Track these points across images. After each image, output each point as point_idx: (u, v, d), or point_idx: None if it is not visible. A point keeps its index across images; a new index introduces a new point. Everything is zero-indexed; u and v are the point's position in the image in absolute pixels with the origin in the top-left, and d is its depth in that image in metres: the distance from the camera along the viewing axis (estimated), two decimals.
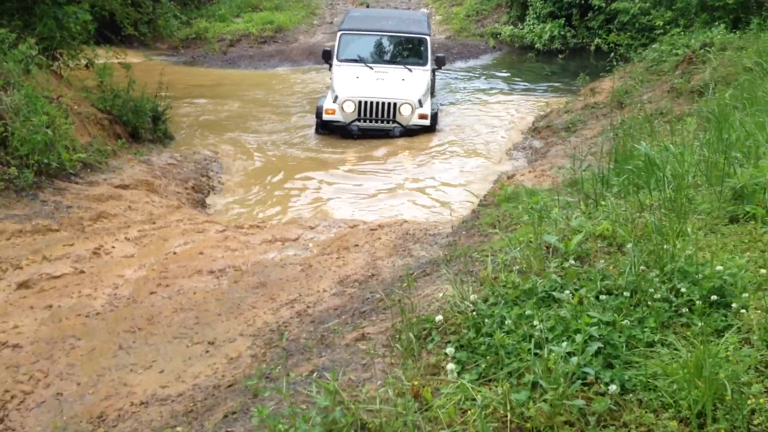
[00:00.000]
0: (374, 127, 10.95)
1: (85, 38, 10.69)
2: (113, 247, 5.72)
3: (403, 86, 11.29)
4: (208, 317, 4.33)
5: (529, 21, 18.07)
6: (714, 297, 2.99)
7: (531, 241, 3.71)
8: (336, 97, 11.05)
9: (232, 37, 18.34)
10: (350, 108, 10.88)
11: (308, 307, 4.29)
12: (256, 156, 10.27)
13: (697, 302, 2.94)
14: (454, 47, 17.93)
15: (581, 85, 12.09)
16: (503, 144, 10.85)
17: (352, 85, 11.23)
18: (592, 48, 16.53)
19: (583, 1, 16.46)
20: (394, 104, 10.91)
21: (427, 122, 11.03)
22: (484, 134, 11.43)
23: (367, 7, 18.49)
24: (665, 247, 3.35)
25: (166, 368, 3.79)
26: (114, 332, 4.18)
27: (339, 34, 12.28)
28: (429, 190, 8.96)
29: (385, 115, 10.93)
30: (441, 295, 3.43)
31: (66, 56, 10.15)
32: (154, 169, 8.98)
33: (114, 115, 9.65)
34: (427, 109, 11.13)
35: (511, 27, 18.33)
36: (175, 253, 5.65)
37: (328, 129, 11.07)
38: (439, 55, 12.36)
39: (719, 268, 3.09)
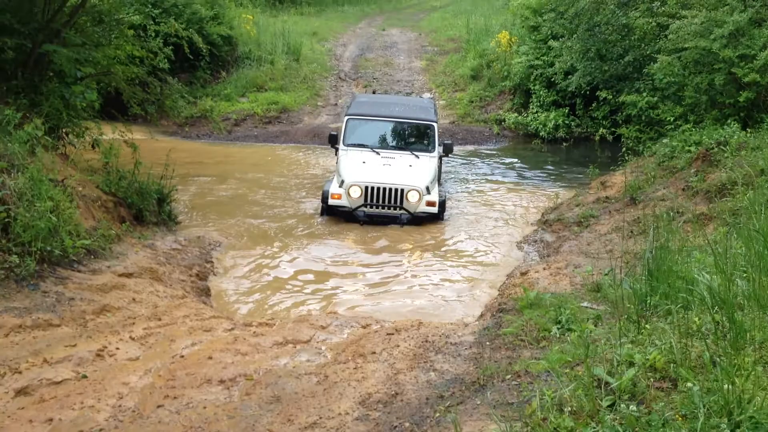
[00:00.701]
0: (381, 213, 10.82)
1: (91, 115, 10.62)
2: (117, 348, 5.42)
3: (410, 172, 11.16)
4: None
5: (532, 109, 18.20)
6: None
7: (576, 373, 3.44)
8: (342, 182, 10.93)
9: (237, 117, 18.39)
10: (357, 193, 10.77)
11: None
12: (260, 241, 10.06)
13: None
14: (458, 132, 17.98)
15: (591, 178, 11.99)
16: (513, 236, 10.67)
17: (359, 170, 11.13)
18: (597, 138, 16.58)
19: (587, 92, 16.57)
20: (402, 190, 10.80)
21: (434, 210, 10.88)
22: (493, 225, 11.27)
23: (374, 92, 18.52)
24: (727, 387, 3.09)
25: None
26: None
27: (346, 119, 12.17)
28: (439, 283, 8.73)
29: (392, 202, 10.81)
30: None
31: (72, 135, 10.02)
32: (158, 254, 8.75)
33: (119, 198, 9.45)
34: (434, 197, 10.99)
35: (515, 114, 18.44)
36: (182, 356, 5.35)
37: (333, 214, 10.90)
38: (446, 142, 12.28)
39: None
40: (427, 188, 10.96)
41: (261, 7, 26.80)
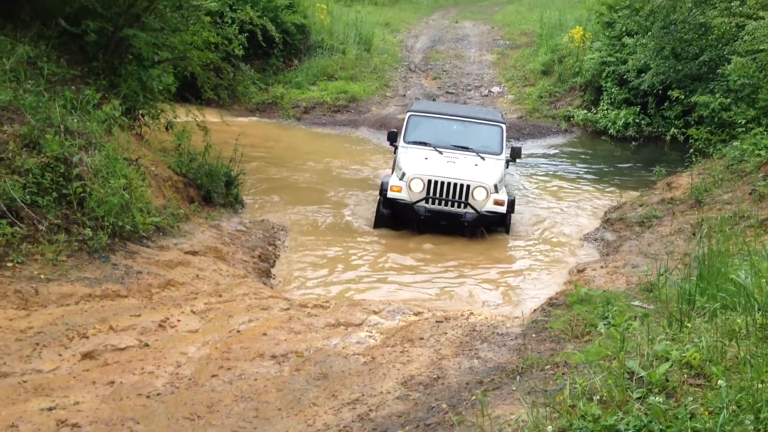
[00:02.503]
0: (444, 210, 10.06)
1: (167, 98, 11.04)
2: (179, 320, 5.71)
3: (476, 170, 10.41)
4: (268, 411, 4.23)
5: (603, 106, 17.95)
6: None
7: (610, 365, 3.52)
8: (403, 174, 10.25)
9: (306, 104, 18.71)
10: (418, 187, 10.03)
11: (371, 410, 4.15)
12: (322, 228, 10.29)
13: None
14: (525, 128, 17.90)
15: (657, 178, 11.84)
16: (574, 234, 10.64)
17: (422, 164, 10.44)
18: (667, 138, 16.29)
19: (659, 91, 16.28)
20: (468, 186, 10.02)
21: (503, 209, 10.09)
22: (554, 220, 11.25)
23: (434, 100, 18.13)
24: (758, 386, 3.13)
25: None
26: (173, 418, 4.11)
27: (408, 115, 11.54)
28: (497, 277, 8.80)
29: (457, 197, 10.04)
30: (514, 419, 3.26)
31: (147, 117, 10.43)
32: (223, 235, 9.06)
33: (189, 179, 9.82)
34: (503, 196, 10.25)
35: (585, 111, 18.23)
36: (239, 331, 5.60)
37: (392, 208, 10.23)
38: (514, 145, 11.72)
39: None
40: (495, 186, 10.25)
41: None
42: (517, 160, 11.65)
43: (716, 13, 13.92)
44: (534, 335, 5.29)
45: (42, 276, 6.07)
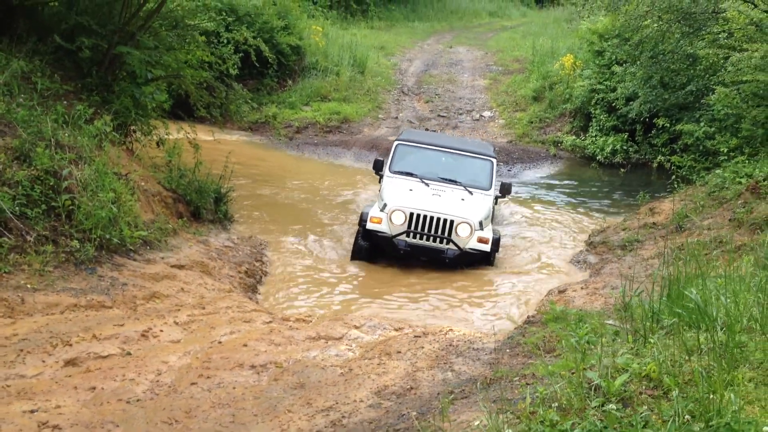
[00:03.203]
0: (425, 246, 9.68)
1: (160, 115, 11.22)
2: (161, 330, 5.83)
3: (462, 205, 10.04)
4: (244, 416, 4.35)
5: (592, 132, 18.20)
6: None
7: (571, 376, 3.66)
8: (384, 206, 9.85)
9: (299, 125, 18.90)
10: (400, 219, 9.64)
11: (343, 417, 4.28)
12: (309, 246, 10.43)
13: None
14: (515, 152, 18.12)
15: (640, 203, 12.04)
16: (558, 256, 10.80)
17: (405, 196, 10.04)
18: (654, 165, 16.51)
19: (647, 119, 16.55)
20: (451, 222, 9.64)
21: (487, 247, 9.69)
22: (538, 244, 11.41)
23: (427, 129, 17.92)
24: (711, 397, 3.27)
25: None
26: (152, 422, 4.22)
27: (395, 144, 11.12)
28: (479, 299, 8.94)
29: (440, 232, 9.65)
30: (476, 424, 3.40)
31: (139, 133, 10.58)
32: (210, 250, 9.19)
33: (178, 194, 9.96)
34: (488, 234, 9.84)
35: (574, 137, 18.48)
36: (220, 342, 5.72)
37: (371, 240, 9.82)
38: (504, 181, 11.38)
39: (766, 429, 3.00)
40: (480, 223, 9.86)
41: (332, 20, 27.41)
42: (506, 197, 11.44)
43: (703, 44, 14.22)
44: (508, 350, 5.43)
45: (28, 285, 6.19)
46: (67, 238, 7.03)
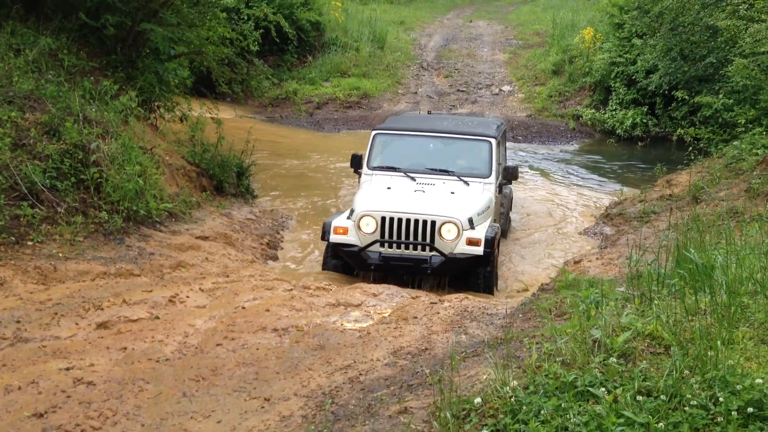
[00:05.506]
0: (401, 256, 7.82)
1: (182, 91, 11.43)
2: (188, 296, 6.08)
3: (449, 201, 8.24)
4: (267, 374, 4.58)
5: (611, 106, 18.22)
6: (751, 409, 3.06)
7: (577, 333, 3.84)
8: (352, 211, 8.15)
9: (319, 100, 19.10)
10: (369, 227, 7.83)
11: (360, 374, 4.50)
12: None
13: (734, 413, 3.02)
14: (533, 126, 18.21)
15: (658, 176, 12.11)
16: (575, 228, 10.94)
17: (378, 197, 8.29)
18: (674, 138, 16.50)
19: (666, 92, 16.52)
20: (433, 223, 7.76)
21: (479, 250, 7.73)
22: (556, 215, 11.55)
23: (429, 113, 15.62)
24: (710, 353, 3.44)
25: (223, 419, 4.04)
26: (180, 379, 4.47)
27: (372, 134, 9.29)
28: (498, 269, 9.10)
29: (419, 239, 7.77)
30: (484, 377, 3.60)
31: (163, 109, 10.81)
32: (233, 222, 9.44)
33: (202, 168, 10.21)
34: (479, 233, 7.89)
35: (593, 110, 18.50)
36: (243, 307, 5.96)
37: (337, 257, 8.16)
38: (509, 165, 9.77)
39: (759, 381, 3.16)
40: (470, 221, 7.94)
41: None
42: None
43: (724, 16, 14.13)
44: (521, 315, 5.62)
45: (60, 254, 6.48)
46: (96, 209, 7.30)
